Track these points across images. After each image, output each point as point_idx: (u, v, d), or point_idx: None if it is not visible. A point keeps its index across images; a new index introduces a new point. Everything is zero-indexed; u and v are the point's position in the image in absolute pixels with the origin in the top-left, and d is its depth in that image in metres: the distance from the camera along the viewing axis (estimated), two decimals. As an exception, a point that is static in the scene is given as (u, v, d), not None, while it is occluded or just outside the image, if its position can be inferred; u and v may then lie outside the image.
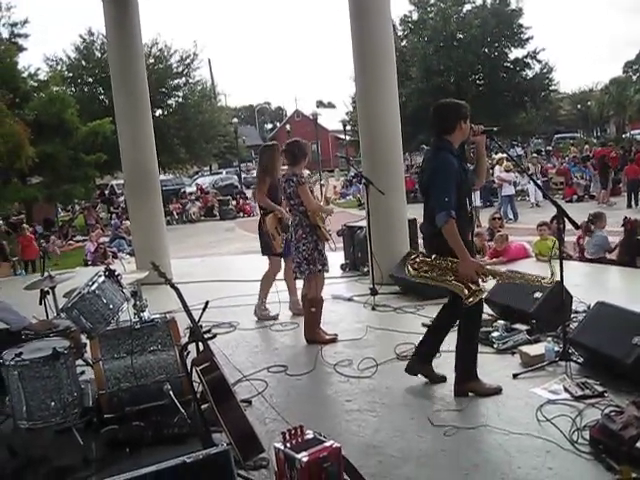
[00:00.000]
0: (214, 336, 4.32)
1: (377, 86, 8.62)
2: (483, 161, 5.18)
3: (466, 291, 4.62)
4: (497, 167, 20.11)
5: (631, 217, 10.15)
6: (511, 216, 18.99)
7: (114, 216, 26.89)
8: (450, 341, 5.06)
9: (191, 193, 34.08)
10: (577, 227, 5.48)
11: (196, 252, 17.91)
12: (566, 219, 4.98)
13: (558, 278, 5.05)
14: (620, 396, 4.48)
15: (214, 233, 24.10)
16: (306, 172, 6.89)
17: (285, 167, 6.86)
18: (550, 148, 43.14)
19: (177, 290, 4.21)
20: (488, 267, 4.76)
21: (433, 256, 4.80)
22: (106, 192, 35.21)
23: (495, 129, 5.02)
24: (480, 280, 4.66)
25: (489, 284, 6.88)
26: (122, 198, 31.22)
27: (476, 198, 15.49)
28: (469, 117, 4.81)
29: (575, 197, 22.58)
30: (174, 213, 28.85)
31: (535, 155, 28.22)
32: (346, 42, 8.83)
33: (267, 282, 7.71)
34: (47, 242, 19.67)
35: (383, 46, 8.62)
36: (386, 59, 8.65)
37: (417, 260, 4.86)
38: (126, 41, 10.23)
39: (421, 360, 5.17)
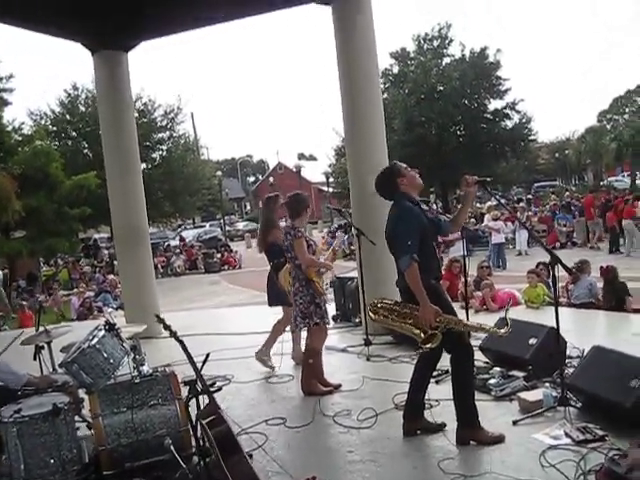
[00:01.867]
0: (219, 389, 4.31)
1: (366, 137, 8.77)
2: (466, 211, 5.33)
3: (422, 335, 4.70)
4: (487, 216, 20.27)
5: (606, 265, 10.24)
6: (500, 264, 19.07)
7: (97, 270, 26.76)
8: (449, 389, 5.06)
9: (175, 246, 34.06)
10: (570, 272, 5.56)
11: (182, 306, 17.84)
12: (560, 265, 5.03)
13: (508, 330, 5.06)
14: (621, 439, 4.51)
15: (199, 286, 24.04)
16: None
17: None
18: (530, 196, 43.64)
19: (182, 342, 4.21)
20: (447, 316, 4.74)
21: (393, 301, 5.01)
22: (90, 245, 35.12)
23: (488, 179, 5.12)
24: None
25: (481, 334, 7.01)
26: (106, 252, 31.13)
27: (462, 248, 15.67)
28: (402, 170, 5.08)
29: (558, 244, 22.79)
30: (159, 266, 28.73)
31: (522, 205, 28.53)
32: (326, 95, 9.06)
33: (277, 330, 7.68)
34: (33, 297, 19.53)
35: (371, 97, 8.82)
36: (374, 110, 8.83)
37: (378, 305, 5.08)
38: (116, 96, 10.37)
39: (412, 418, 5.16)
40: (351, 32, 8.72)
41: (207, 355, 4.43)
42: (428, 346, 4.69)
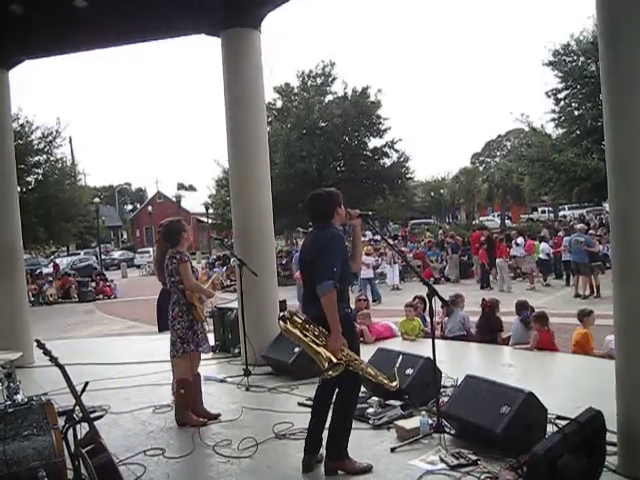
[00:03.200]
0: (100, 416, 4.20)
1: (250, 169, 8.88)
2: (359, 245, 5.37)
3: (326, 363, 4.61)
4: (358, 250, 20.63)
5: (487, 298, 10.71)
6: (373, 298, 19.42)
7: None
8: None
9: (48, 274, 32.74)
10: (446, 304, 5.82)
11: (53, 335, 17.06)
12: (437, 297, 5.27)
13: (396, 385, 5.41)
14: (492, 463, 4.75)
15: (73, 315, 23.17)
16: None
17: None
18: (406, 233, 44.98)
19: (62, 368, 4.09)
20: (350, 352, 4.79)
21: (304, 318, 4.86)
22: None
23: (370, 213, 5.29)
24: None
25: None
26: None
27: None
28: (340, 202, 5.00)
29: (432, 280, 23.57)
30: (30, 294, 27.48)
31: (393, 241, 29.31)
32: (207, 126, 9.11)
33: None
34: None
35: (257, 130, 8.94)
36: (259, 143, 8.96)
37: (292, 317, 4.89)
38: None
39: (313, 452, 5.07)
40: (239, 64, 8.82)
41: (86, 383, 4.34)
42: (330, 373, 4.63)
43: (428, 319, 11.26)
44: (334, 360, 4.61)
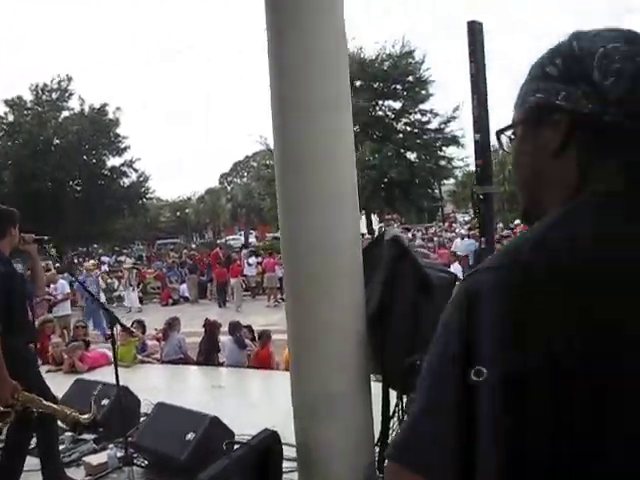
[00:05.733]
0: None
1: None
2: (38, 268, 5.03)
3: None
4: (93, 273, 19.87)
5: (210, 319, 10.74)
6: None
7: None
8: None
9: None
10: (131, 333, 5.69)
11: None
12: (118, 325, 5.12)
13: (92, 415, 5.12)
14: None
15: None
16: None
17: None
18: (152, 254, 44.22)
19: None
20: (26, 394, 4.37)
21: None
22: None
23: (46, 237, 5.00)
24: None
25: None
26: None
27: (68, 307, 15.32)
28: (15, 224, 4.65)
29: (171, 301, 23.31)
30: None
31: (132, 266, 28.31)
32: None
33: None
34: None
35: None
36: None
37: None
38: None
39: None
40: None
41: None
42: None
43: (149, 342, 11.14)
44: (2, 409, 4.24)
